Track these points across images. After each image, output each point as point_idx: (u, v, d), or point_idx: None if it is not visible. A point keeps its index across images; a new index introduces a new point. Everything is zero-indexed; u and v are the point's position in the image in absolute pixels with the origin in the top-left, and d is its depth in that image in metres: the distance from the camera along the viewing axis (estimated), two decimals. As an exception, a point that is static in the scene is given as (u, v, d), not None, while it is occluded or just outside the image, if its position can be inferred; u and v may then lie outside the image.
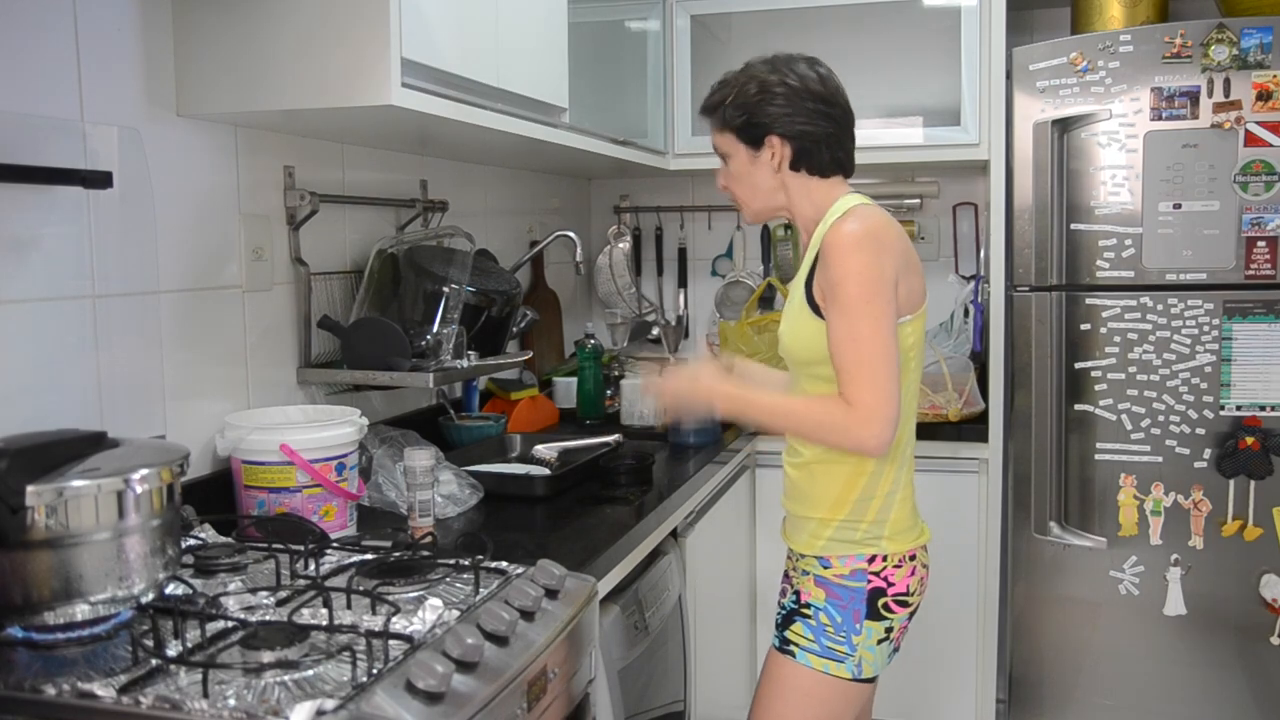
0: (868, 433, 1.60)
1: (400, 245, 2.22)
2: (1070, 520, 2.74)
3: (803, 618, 1.78)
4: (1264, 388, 2.58)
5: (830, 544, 1.77)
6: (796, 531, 1.84)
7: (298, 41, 1.64)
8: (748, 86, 1.75)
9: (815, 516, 1.79)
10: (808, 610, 1.78)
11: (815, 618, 1.77)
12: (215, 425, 1.76)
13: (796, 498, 1.84)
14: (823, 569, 1.78)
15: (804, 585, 1.80)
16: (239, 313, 1.89)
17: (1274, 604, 2.60)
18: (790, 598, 1.83)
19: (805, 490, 1.81)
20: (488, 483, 2.05)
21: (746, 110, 1.75)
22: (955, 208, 3.33)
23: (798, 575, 1.84)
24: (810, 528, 1.80)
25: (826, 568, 1.77)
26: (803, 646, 1.77)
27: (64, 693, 1.08)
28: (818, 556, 1.78)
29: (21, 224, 1.45)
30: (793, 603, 1.81)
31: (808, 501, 1.80)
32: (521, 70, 2.06)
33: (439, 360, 2.03)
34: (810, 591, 1.78)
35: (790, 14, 3.00)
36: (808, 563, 1.80)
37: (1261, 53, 2.51)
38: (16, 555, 1.17)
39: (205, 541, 1.56)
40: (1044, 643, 2.80)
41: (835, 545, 1.77)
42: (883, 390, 1.60)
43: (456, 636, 1.18)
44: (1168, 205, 2.61)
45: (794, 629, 1.79)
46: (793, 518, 1.86)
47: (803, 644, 1.77)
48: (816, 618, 1.77)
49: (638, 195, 3.58)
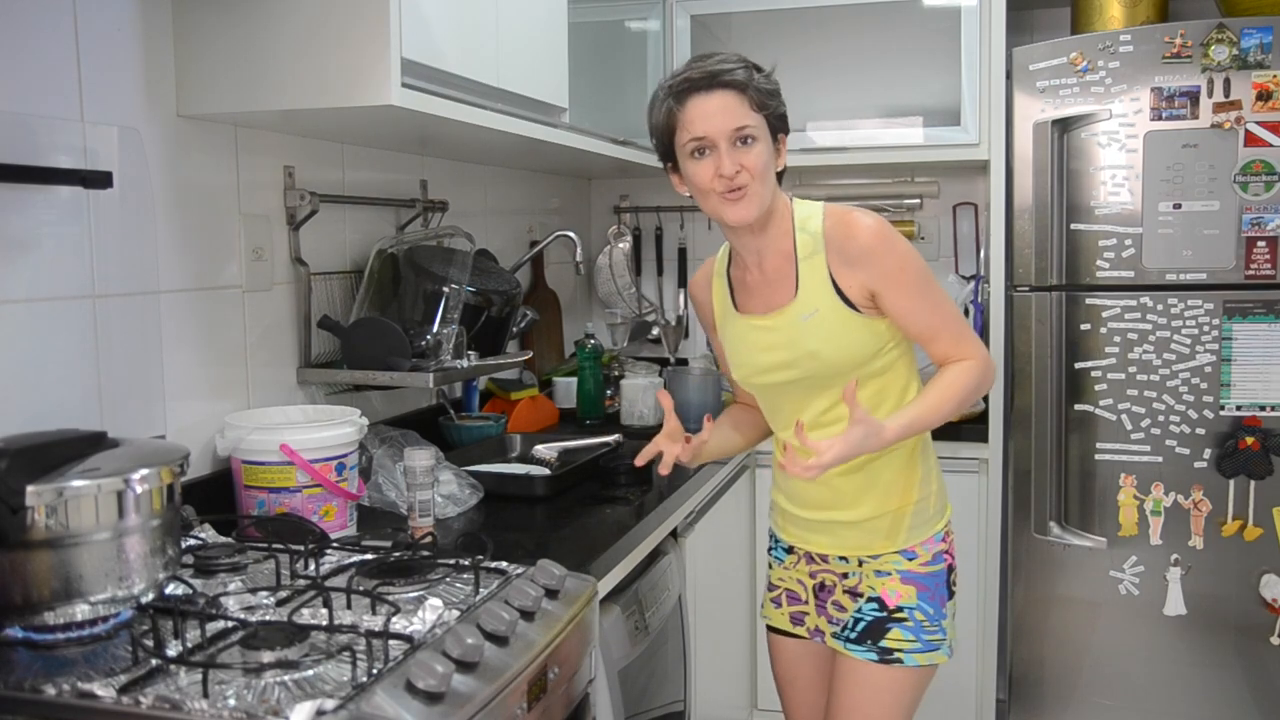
0: (992, 374, 1.71)
1: (400, 245, 2.22)
2: (1070, 520, 2.74)
3: (897, 623, 1.72)
4: (1264, 388, 2.58)
5: (912, 532, 1.74)
6: (862, 536, 1.75)
7: (298, 41, 1.64)
8: (772, 74, 1.64)
9: (890, 510, 1.73)
10: (901, 614, 1.72)
11: (910, 618, 1.72)
12: (215, 425, 1.76)
13: (857, 503, 1.74)
14: (908, 562, 1.73)
15: (885, 587, 1.73)
16: (239, 313, 1.89)
17: (1274, 604, 2.60)
18: (867, 607, 1.74)
19: (870, 490, 1.73)
20: (488, 483, 2.05)
21: (778, 97, 1.65)
22: (955, 208, 3.33)
23: (866, 579, 1.75)
24: (884, 526, 1.73)
25: (912, 559, 1.74)
26: (908, 650, 1.72)
27: (64, 693, 1.08)
28: (901, 551, 1.73)
29: (21, 224, 1.45)
30: (875, 611, 1.73)
31: (875, 498, 1.73)
32: (521, 70, 2.06)
33: (439, 360, 2.03)
34: (898, 593, 1.73)
35: (790, 14, 3.00)
36: (886, 561, 1.74)
37: (1261, 53, 2.51)
38: (16, 555, 1.18)
39: (205, 541, 1.56)
40: (1044, 643, 2.80)
41: (917, 532, 1.74)
42: (976, 336, 1.74)
43: (456, 636, 1.18)
44: (1168, 205, 2.61)
45: (891, 636, 1.72)
46: (850, 525, 1.75)
47: (907, 648, 1.72)
48: (912, 617, 1.72)
49: (638, 195, 3.58)
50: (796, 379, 1.70)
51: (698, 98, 1.59)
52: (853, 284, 1.64)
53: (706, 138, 1.59)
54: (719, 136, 1.58)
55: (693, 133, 1.59)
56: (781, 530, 1.88)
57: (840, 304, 1.65)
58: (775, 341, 1.70)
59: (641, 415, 2.79)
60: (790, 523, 1.84)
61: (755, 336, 1.73)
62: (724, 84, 1.59)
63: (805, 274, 1.66)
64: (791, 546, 1.86)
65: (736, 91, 1.59)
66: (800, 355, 1.68)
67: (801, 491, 1.78)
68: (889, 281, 1.62)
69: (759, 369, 1.74)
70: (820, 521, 1.78)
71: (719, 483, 2.51)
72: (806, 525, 1.81)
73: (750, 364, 1.76)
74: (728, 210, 1.61)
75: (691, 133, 1.59)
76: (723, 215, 1.63)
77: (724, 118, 1.58)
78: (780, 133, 1.66)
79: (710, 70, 1.59)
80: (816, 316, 1.66)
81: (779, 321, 1.69)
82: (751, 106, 1.59)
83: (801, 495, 1.79)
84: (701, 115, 1.58)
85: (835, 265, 1.64)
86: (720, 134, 1.58)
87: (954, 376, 1.68)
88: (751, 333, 1.74)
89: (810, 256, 1.66)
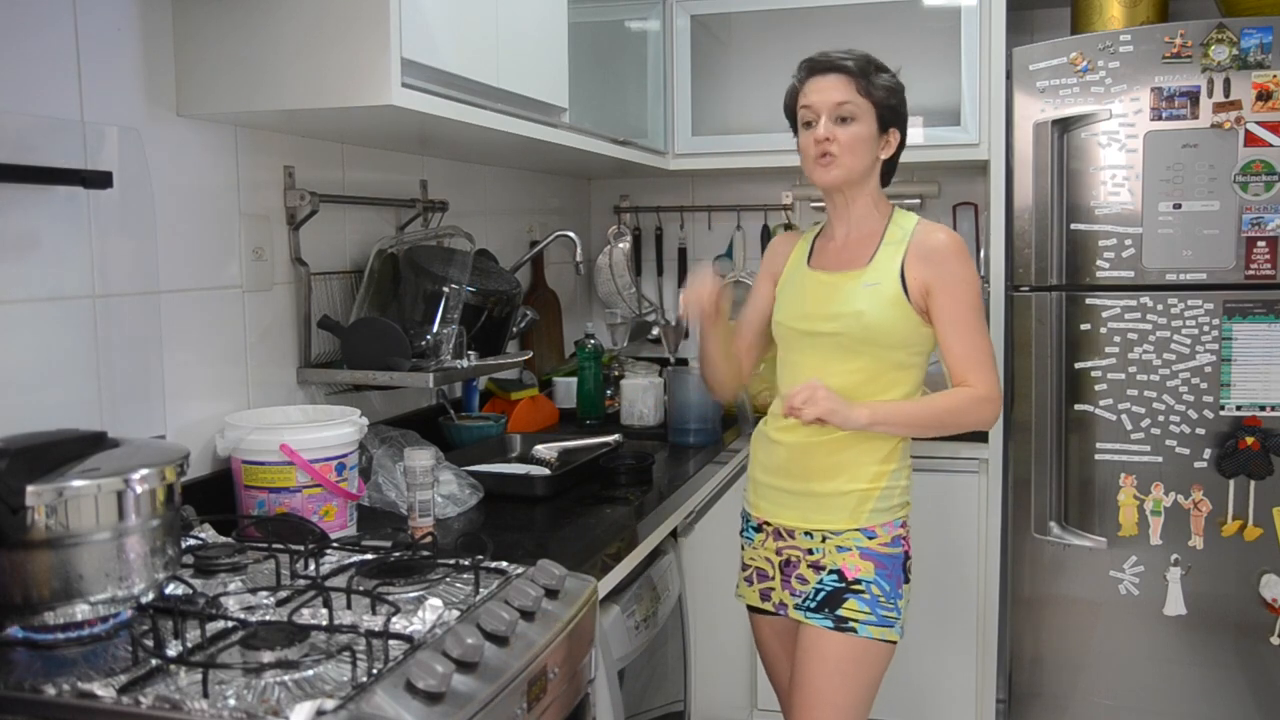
0: (992, 411, 1.85)
1: (400, 245, 2.22)
2: (1070, 520, 2.74)
3: (854, 594, 1.85)
4: (1264, 388, 2.58)
5: (874, 514, 1.87)
6: (827, 510, 1.89)
7: (298, 41, 1.64)
8: (896, 75, 1.89)
9: (857, 489, 1.87)
10: (858, 586, 1.85)
11: (868, 590, 1.85)
12: (215, 425, 1.76)
13: (833, 475, 1.88)
14: (867, 540, 1.87)
15: (845, 561, 1.86)
16: (239, 313, 1.89)
17: (1274, 604, 2.60)
18: (828, 579, 1.87)
19: (846, 466, 1.87)
20: (488, 483, 2.05)
21: (897, 96, 1.89)
22: (955, 208, 3.33)
23: (827, 554, 1.88)
24: (850, 503, 1.87)
25: (871, 538, 1.87)
26: (862, 620, 1.84)
27: (64, 693, 1.08)
28: (862, 529, 1.87)
29: (22, 224, 1.45)
30: (835, 582, 1.86)
31: (850, 476, 1.87)
32: (521, 70, 2.06)
33: (439, 360, 2.03)
34: (857, 566, 1.86)
35: (790, 14, 3.00)
36: (848, 538, 1.87)
37: (1261, 53, 2.51)
38: (16, 555, 1.17)
39: (205, 541, 1.56)
40: (1044, 643, 2.80)
41: (879, 514, 1.87)
42: (996, 374, 1.87)
43: (456, 636, 1.18)
44: (1168, 205, 2.61)
45: (848, 606, 1.85)
46: (818, 496, 1.89)
47: (861, 618, 1.84)
48: (869, 590, 1.85)
49: (638, 195, 3.58)
50: (832, 332, 1.87)
51: (816, 77, 1.87)
52: (917, 279, 1.83)
53: (811, 108, 1.86)
54: (822, 108, 1.85)
55: (803, 102, 1.88)
56: (754, 506, 2.01)
57: (900, 288, 1.84)
58: (831, 296, 1.89)
59: (641, 415, 2.79)
60: (762, 497, 1.98)
61: (815, 288, 1.92)
62: (837, 68, 1.86)
63: (884, 254, 1.88)
64: (761, 524, 1.98)
65: (847, 76, 1.85)
66: (848, 312, 1.86)
67: (782, 462, 1.93)
68: (945, 286, 1.83)
69: (805, 315, 1.92)
70: (791, 492, 1.92)
71: (719, 483, 2.51)
72: (778, 498, 1.94)
73: (799, 310, 1.93)
74: (816, 172, 1.87)
75: (803, 102, 1.88)
76: (811, 175, 1.89)
77: (830, 94, 1.85)
78: (892, 126, 1.89)
79: (830, 56, 1.88)
80: (877, 287, 1.85)
81: (843, 280, 1.89)
82: (858, 90, 1.84)
83: (781, 466, 1.93)
84: (814, 89, 1.87)
85: (911, 259, 1.85)
86: (823, 106, 1.85)
87: (945, 396, 1.86)
88: (814, 284, 1.93)
89: (894, 243, 1.88)
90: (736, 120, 3.16)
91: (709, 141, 3.13)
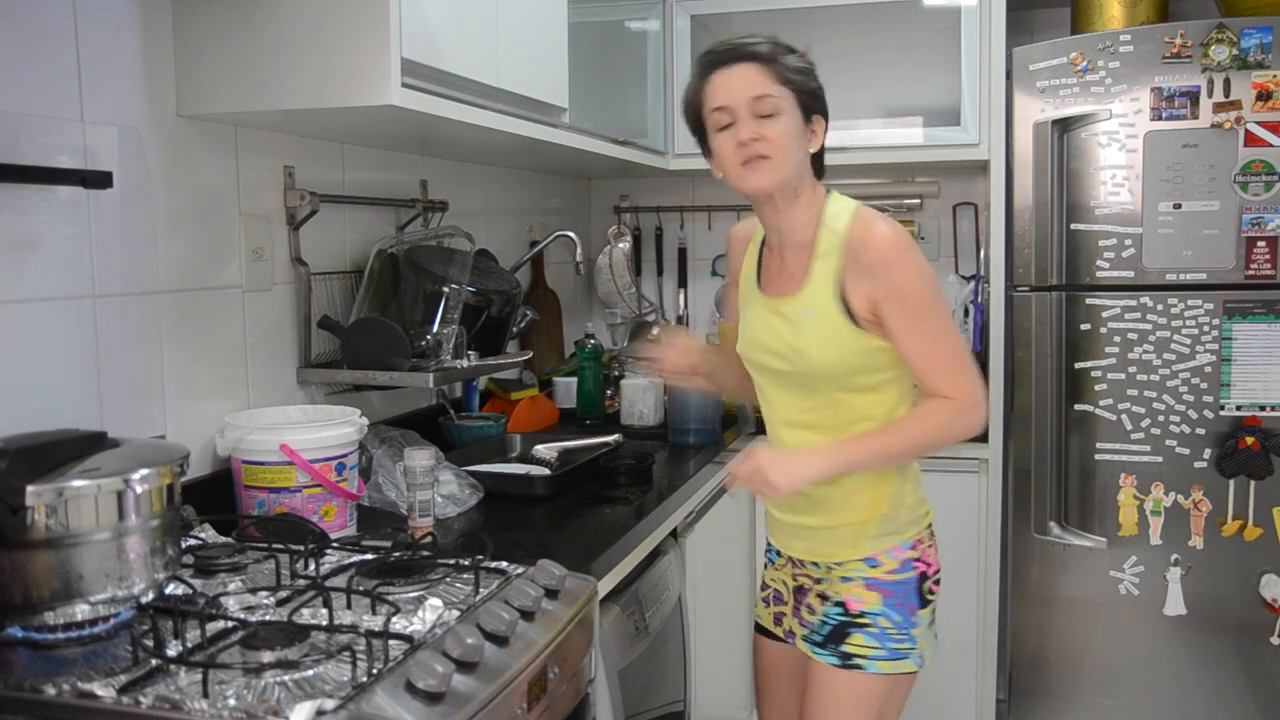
0: (975, 418, 1.64)
1: (400, 245, 2.22)
2: (1070, 520, 2.74)
3: (860, 628, 1.71)
4: (1264, 388, 2.58)
5: (876, 541, 1.72)
6: (827, 543, 1.76)
7: (298, 41, 1.64)
8: (806, 55, 1.65)
9: (852, 521, 1.73)
10: (864, 619, 1.71)
11: (875, 624, 1.71)
12: (215, 425, 1.76)
13: (825, 510, 1.74)
14: (871, 569, 1.72)
15: (849, 593, 1.73)
16: (239, 313, 1.89)
17: (1274, 604, 2.60)
18: (832, 611, 1.74)
19: (835, 500, 1.73)
20: (488, 483, 2.05)
21: (814, 77, 1.66)
22: (955, 208, 3.33)
23: (833, 585, 1.76)
24: (847, 535, 1.73)
25: (875, 567, 1.72)
26: (870, 656, 1.70)
27: (64, 693, 1.08)
28: (864, 558, 1.73)
29: (21, 224, 1.45)
30: (839, 615, 1.73)
31: (840, 510, 1.73)
32: (521, 70, 2.06)
33: (439, 360, 2.03)
34: (861, 598, 1.72)
35: (790, 14, 3.00)
36: (850, 569, 1.73)
37: (1261, 53, 2.51)
38: (16, 555, 1.17)
39: (205, 541, 1.56)
40: (1044, 643, 2.80)
41: (881, 541, 1.72)
42: (974, 376, 1.66)
43: (456, 636, 1.18)
44: (1168, 205, 2.61)
45: (852, 641, 1.71)
46: (817, 531, 1.76)
47: (869, 653, 1.70)
48: (876, 624, 1.71)
49: (638, 195, 3.58)
50: (784, 371, 1.71)
51: (721, 71, 1.63)
52: (859, 294, 1.62)
53: (727, 107, 1.61)
54: (739, 105, 1.60)
55: (714, 103, 1.62)
56: (770, 534, 1.91)
57: (838, 312, 1.64)
58: (775, 329, 1.71)
59: (641, 415, 2.79)
60: (774, 526, 1.87)
61: (762, 316, 1.74)
62: (745, 56, 1.62)
63: (817, 271, 1.66)
64: (780, 550, 1.88)
65: (759, 63, 1.61)
66: (790, 349, 1.69)
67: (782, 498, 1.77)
68: (891, 297, 1.60)
69: (757, 347, 1.76)
70: (792, 525, 1.81)
71: (719, 483, 2.51)
72: (784, 529, 1.84)
73: (752, 341, 1.77)
74: (745, 178, 1.62)
75: (713, 103, 1.62)
76: (740, 183, 1.64)
77: (744, 87, 1.60)
78: (815, 113, 1.66)
79: (733, 44, 1.63)
80: (813, 318, 1.66)
81: (783, 307, 1.70)
82: (775, 79, 1.60)
83: (783, 501, 1.79)
84: (723, 86, 1.61)
85: (849, 271, 1.63)
86: (740, 102, 1.60)
87: (919, 416, 1.66)
88: (761, 311, 1.75)
89: (827, 255, 1.65)
90: (736, 120, 3.15)
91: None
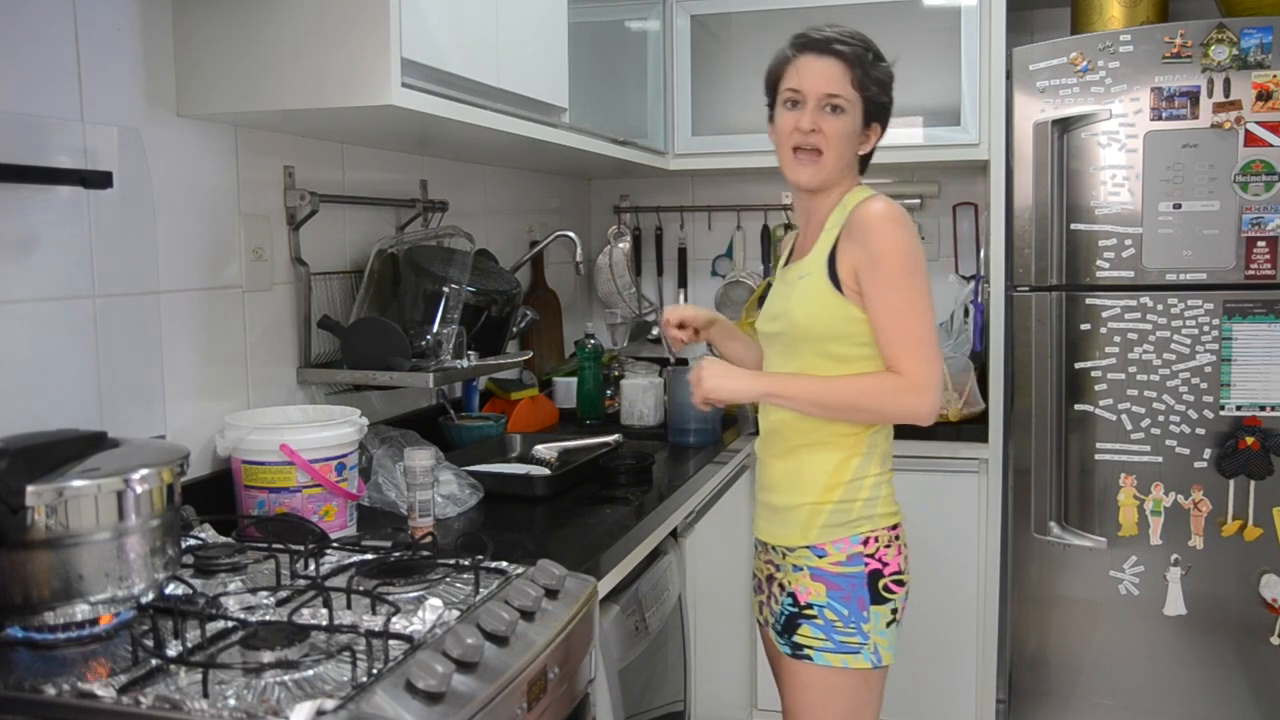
0: (920, 401, 1.65)
1: (400, 245, 2.22)
2: (1070, 520, 2.74)
3: (807, 619, 1.75)
4: (1264, 388, 2.58)
5: (825, 530, 1.74)
6: (782, 525, 1.80)
7: (298, 41, 1.64)
8: (890, 67, 1.75)
9: (807, 503, 1.76)
10: (810, 611, 1.75)
11: (820, 616, 1.74)
12: (215, 425, 1.76)
13: (783, 487, 1.80)
14: (817, 559, 1.75)
15: (798, 583, 1.77)
16: (239, 313, 1.89)
17: (1274, 604, 2.60)
18: (785, 601, 1.79)
19: (794, 478, 1.78)
20: (488, 483, 2.05)
21: (889, 91, 1.76)
22: (955, 208, 3.33)
23: (787, 573, 1.80)
24: (801, 517, 1.76)
25: (821, 557, 1.75)
26: (816, 648, 1.74)
27: (64, 693, 1.08)
28: (810, 546, 1.75)
29: (21, 224, 1.45)
30: (790, 606, 1.78)
31: (797, 488, 1.77)
32: (521, 70, 2.06)
33: (439, 360, 2.03)
34: (808, 589, 1.75)
35: (790, 14, 3.00)
36: (799, 556, 1.77)
37: (1261, 53, 2.51)
38: (16, 555, 1.17)
39: (205, 541, 1.56)
40: (1044, 643, 2.80)
41: (830, 530, 1.74)
42: (933, 360, 1.67)
43: (456, 636, 1.18)
44: (1168, 205, 2.61)
45: (801, 632, 1.76)
46: (776, 510, 1.81)
47: (816, 645, 1.74)
48: (822, 615, 1.74)
49: (638, 195, 3.58)
50: (776, 332, 1.80)
51: (809, 56, 1.72)
52: (846, 261, 1.70)
53: (800, 92, 1.72)
54: (811, 94, 1.71)
55: (790, 84, 1.73)
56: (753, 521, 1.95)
57: (825, 276, 1.72)
58: (780, 291, 1.82)
59: (641, 415, 2.79)
60: (755, 512, 1.93)
61: (777, 286, 1.85)
62: (835, 52, 1.71)
63: (821, 241, 1.76)
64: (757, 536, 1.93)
65: (844, 63, 1.70)
66: (783, 310, 1.78)
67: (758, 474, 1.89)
68: (869, 260, 1.67)
69: (764, 316, 1.86)
70: (761, 504, 1.88)
71: (719, 483, 2.51)
72: (758, 512, 1.90)
73: (764, 310, 1.87)
74: (794, 169, 1.75)
75: (789, 83, 1.74)
76: (787, 170, 1.76)
77: (822, 80, 1.70)
78: (875, 121, 1.76)
79: (829, 36, 1.72)
80: (806, 280, 1.75)
81: (789, 275, 1.81)
82: (852, 82, 1.70)
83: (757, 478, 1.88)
84: (806, 71, 1.72)
85: (842, 240, 1.71)
86: (813, 92, 1.71)
87: (863, 377, 1.70)
88: (778, 283, 1.86)
89: (832, 229, 1.75)
90: (736, 120, 3.15)
91: (709, 141, 3.13)
